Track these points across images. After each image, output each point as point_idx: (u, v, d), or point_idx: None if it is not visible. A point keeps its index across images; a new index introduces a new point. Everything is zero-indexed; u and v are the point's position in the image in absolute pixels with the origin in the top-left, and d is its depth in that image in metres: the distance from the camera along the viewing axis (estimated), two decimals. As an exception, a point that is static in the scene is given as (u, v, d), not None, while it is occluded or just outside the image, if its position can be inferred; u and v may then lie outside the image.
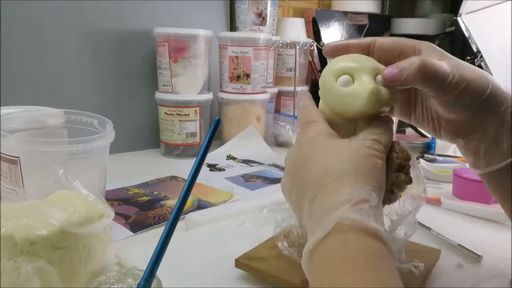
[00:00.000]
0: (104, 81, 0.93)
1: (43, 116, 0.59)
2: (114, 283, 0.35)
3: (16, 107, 0.62)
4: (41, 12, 0.83)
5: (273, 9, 1.10)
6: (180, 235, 0.51)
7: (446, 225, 0.57)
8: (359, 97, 0.36)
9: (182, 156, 0.95)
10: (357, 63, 0.37)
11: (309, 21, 1.23)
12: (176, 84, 0.94)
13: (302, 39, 1.15)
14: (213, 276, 0.44)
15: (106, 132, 0.57)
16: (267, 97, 1.05)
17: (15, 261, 0.35)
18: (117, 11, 0.93)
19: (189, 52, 0.92)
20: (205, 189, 0.73)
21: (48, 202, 0.43)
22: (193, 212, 0.60)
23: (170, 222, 0.33)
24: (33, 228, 0.37)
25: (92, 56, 0.91)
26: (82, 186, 0.46)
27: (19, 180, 0.52)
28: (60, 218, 0.38)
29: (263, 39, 0.99)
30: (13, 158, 0.52)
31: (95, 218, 0.42)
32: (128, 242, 0.54)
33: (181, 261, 0.46)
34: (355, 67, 0.37)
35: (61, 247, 0.38)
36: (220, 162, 0.91)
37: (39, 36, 0.84)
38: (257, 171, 0.87)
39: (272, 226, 0.45)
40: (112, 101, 0.95)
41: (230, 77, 1.00)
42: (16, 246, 0.36)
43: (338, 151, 0.35)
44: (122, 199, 0.67)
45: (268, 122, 1.09)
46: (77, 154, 0.53)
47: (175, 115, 0.93)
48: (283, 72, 1.19)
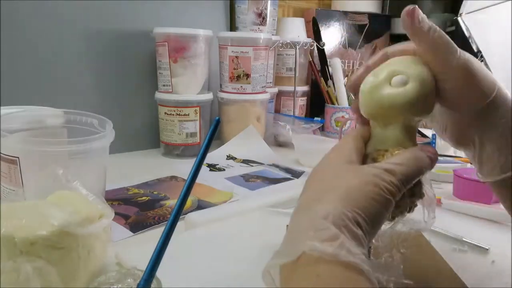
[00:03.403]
0: (104, 81, 0.93)
1: (43, 116, 0.59)
2: (114, 283, 0.35)
3: (16, 107, 0.62)
4: (41, 12, 0.83)
5: (273, 9, 1.10)
6: (180, 235, 0.51)
7: (446, 225, 0.57)
8: (406, 97, 0.35)
9: (182, 156, 0.95)
10: (406, 68, 0.36)
11: (309, 21, 1.23)
12: (176, 84, 0.94)
13: (302, 39, 1.15)
14: (213, 276, 0.44)
15: (106, 132, 0.57)
16: (267, 97, 1.05)
17: (15, 261, 0.35)
18: (117, 11, 0.93)
19: (189, 52, 0.92)
20: (205, 189, 0.73)
21: (48, 202, 0.43)
22: (193, 212, 0.60)
23: (170, 222, 0.33)
24: (33, 228, 0.37)
25: (92, 56, 0.91)
26: (82, 186, 0.46)
27: (18, 180, 0.52)
28: (60, 218, 0.38)
29: (263, 39, 0.99)
30: (13, 158, 0.52)
31: (95, 218, 0.42)
32: (128, 242, 0.54)
33: (181, 261, 0.46)
34: (406, 71, 0.36)
35: (61, 247, 0.38)
36: (220, 162, 0.91)
37: (39, 36, 0.84)
38: (257, 171, 0.87)
39: (273, 226, 0.45)
40: (112, 101, 0.95)
41: (230, 77, 1.00)
42: (16, 246, 0.36)
43: (343, 175, 0.33)
44: (122, 199, 0.67)
45: (268, 122, 1.09)
46: (77, 154, 0.53)
47: (175, 115, 0.93)
48: (283, 72, 1.19)
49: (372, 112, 0.38)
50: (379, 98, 0.36)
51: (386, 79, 0.36)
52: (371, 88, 0.37)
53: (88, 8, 0.89)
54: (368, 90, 0.37)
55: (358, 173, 0.32)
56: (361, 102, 0.38)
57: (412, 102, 0.35)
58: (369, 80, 0.37)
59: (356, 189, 0.31)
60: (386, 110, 0.36)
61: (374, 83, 0.37)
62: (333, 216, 0.29)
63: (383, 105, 0.36)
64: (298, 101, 1.20)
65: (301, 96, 1.21)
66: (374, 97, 0.37)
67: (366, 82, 0.38)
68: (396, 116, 0.36)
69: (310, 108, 1.28)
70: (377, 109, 0.37)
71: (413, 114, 0.36)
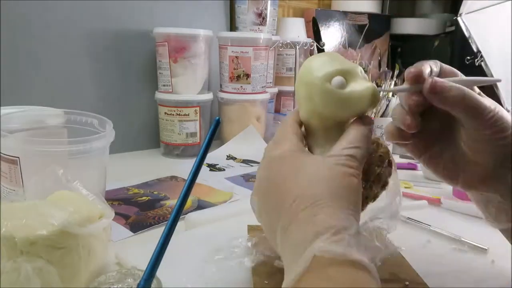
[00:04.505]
0: (104, 81, 0.93)
1: (43, 116, 0.59)
2: (114, 283, 0.35)
3: (16, 107, 0.62)
4: (41, 12, 0.83)
5: (273, 9, 1.10)
6: (180, 235, 0.51)
7: (446, 225, 0.58)
8: (363, 98, 0.35)
9: (182, 156, 0.95)
10: (344, 64, 0.36)
11: (309, 21, 1.23)
12: (176, 84, 0.94)
13: (302, 39, 1.15)
14: (213, 276, 0.44)
15: (106, 132, 0.57)
16: (267, 97, 1.05)
17: (15, 261, 0.35)
18: (117, 11, 0.93)
19: (189, 52, 0.92)
20: (205, 189, 0.73)
21: (48, 202, 0.43)
22: (193, 212, 0.60)
23: (170, 222, 0.33)
24: (33, 228, 0.37)
25: (92, 56, 0.91)
26: (82, 186, 0.46)
27: (19, 180, 0.52)
28: (60, 218, 0.38)
29: (263, 39, 0.99)
30: (13, 158, 0.52)
31: (95, 218, 0.42)
32: (128, 242, 0.54)
33: (181, 261, 0.46)
34: (346, 68, 0.36)
35: (61, 247, 0.38)
36: (220, 162, 0.91)
37: (39, 36, 0.84)
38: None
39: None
40: (112, 101, 0.95)
41: (230, 77, 1.00)
42: (16, 246, 0.36)
43: (311, 171, 0.32)
44: (122, 199, 0.67)
45: (268, 122, 1.09)
46: (77, 154, 0.53)
47: (175, 115, 0.93)
48: (283, 72, 1.19)
49: (327, 115, 0.36)
50: (334, 102, 0.35)
51: (328, 81, 0.36)
52: (324, 93, 0.36)
53: (88, 8, 0.89)
54: (321, 92, 0.36)
55: (326, 166, 0.32)
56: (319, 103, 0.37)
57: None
58: (321, 84, 0.36)
59: (337, 185, 0.31)
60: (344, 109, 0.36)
61: (325, 87, 0.36)
62: (330, 217, 0.29)
63: (338, 111, 0.36)
64: (298, 101, 1.20)
65: (301, 96, 1.21)
66: (328, 101, 0.36)
67: (315, 83, 0.36)
68: (356, 114, 0.36)
69: (310, 108, 1.28)
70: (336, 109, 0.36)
71: (369, 111, 0.36)
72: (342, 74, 0.36)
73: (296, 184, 0.32)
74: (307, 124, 0.38)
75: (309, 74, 0.37)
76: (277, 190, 0.33)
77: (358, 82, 0.35)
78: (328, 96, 0.35)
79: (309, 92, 0.36)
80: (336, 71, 0.36)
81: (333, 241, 0.28)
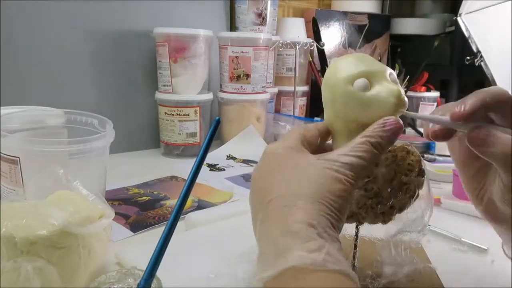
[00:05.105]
0: (104, 81, 0.93)
1: (43, 116, 0.59)
2: (114, 283, 0.35)
3: (16, 107, 0.62)
4: (41, 12, 0.83)
5: (273, 9, 1.10)
6: (180, 235, 0.51)
7: (446, 225, 0.58)
8: (386, 101, 0.34)
9: (182, 156, 0.95)
10: (371, 66, 0.35)
11: (309, 21, 1.23)
12: (176, 84, 0.94)
13: (302, 39, 1.15)
14: (212, 276, 0.44)
15: (106, 132, 0.57)
16: (267, 97, 1.05)
17: (15, 261, 0.35)
18: (117, 11, 0.93)
19: (189, 52, 0.92)
20: (205, 189, 0.73)
21: (48, 202, 0.43)
22: (193, 212, 0.60)
23: (170, 222, 0.33)
24: (33, 228, 0.37)
25: (92, 56, 0.91)
26: (82, 186, 0.46)
27: (19, 180, 0.52)
28: (60, 218, 0.38)
29: (263, 39, 0.99)
30: (13, 158, 0.52)
31: (95, 218, 0.42)
32: (128, 242, 0.54)
33: (181, 261, 0.46)
34: (372, 70, 0.35)
35: (61, 247, 0.38)
36: (220, 162, 0.91)
37: (39, 36, 0.84)
38: (257, 171, 0.87)
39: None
40: (112, 101, 0.95)
41: (230, 77, 1.00)
42: (16, 246, 0.36)
43: (298, 169, 0.32)
44: (122, 199, 0.67)
45: (268, 122, 1.09)
46: (77, 154, 0.53)
47: (175, 115, 0.93)
48: (283, 72, 1.19)
49: (351, 118, 0.36)
50: (358, 105, 0.35)
51: (351, 83, 0.35)
52: (348, 96, 0.35)
53: (88, 8, 0.89)
54: (345, 95, 0.35)
55: (319, 166, 0.31)
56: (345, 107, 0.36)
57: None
58: (343, 87, 0.35)
59: (324, 189, 0.30)
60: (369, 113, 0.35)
61: (348, 90, 0.35)
62: (311, 223, 0.28)
63: (362, 114, 0.35)
64: (298, 101, 1.20)
65: (301, 96, 1.21)
66: (352, 104, 0.35)
67: (339, 86, 0.36)
68: (380, 117, 0.34)
69: (310, 108, 1.28)
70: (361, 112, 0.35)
71: (394, 114, 0.34)
72: (366, 76, 0.35)
73: (279, 181, 0.32)
74: (332, 127, 0.37)
75: (333, 75, 0.36)
76: (262, 182, 0.33)
77: (383, 85, 0.34)
78: (349, 99, 0.35)
79: (332, 93, 0.36)
80: (359, 73, 0.35)
81: (309, 252, 0.27)
